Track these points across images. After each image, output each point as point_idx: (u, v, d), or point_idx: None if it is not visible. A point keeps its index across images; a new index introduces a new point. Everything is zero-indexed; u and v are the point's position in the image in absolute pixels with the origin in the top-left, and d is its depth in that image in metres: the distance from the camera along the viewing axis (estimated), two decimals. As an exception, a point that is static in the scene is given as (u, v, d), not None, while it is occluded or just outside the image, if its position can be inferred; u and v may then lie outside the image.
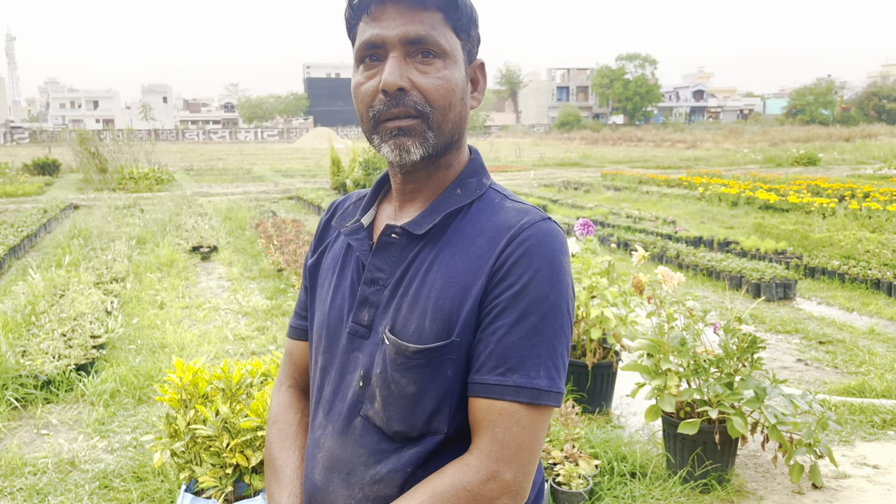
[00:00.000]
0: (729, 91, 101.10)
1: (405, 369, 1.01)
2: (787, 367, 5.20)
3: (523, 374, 0.97)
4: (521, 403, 0.96)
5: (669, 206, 14.68)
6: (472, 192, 1.08)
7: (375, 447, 1.04)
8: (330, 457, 1.08)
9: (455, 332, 1.00)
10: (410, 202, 1.11)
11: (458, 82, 1.02)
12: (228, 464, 2.81)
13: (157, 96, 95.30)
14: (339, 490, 1.06)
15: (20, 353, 4.82)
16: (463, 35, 1.04)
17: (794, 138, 42.71)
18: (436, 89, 1.00)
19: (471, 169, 1.11)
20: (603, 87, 75.91)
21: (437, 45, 1.00)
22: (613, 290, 4.23)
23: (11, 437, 4.04)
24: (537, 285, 0.97)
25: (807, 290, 7.51)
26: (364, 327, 1.07)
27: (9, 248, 9.13)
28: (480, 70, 1.10)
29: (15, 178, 20.63)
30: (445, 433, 1.01)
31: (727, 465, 3.38)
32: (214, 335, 5.83)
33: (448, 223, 1.06)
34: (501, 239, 1.01)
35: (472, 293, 1.00)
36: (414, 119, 1.00)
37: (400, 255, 1.07)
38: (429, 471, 1.01)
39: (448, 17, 1.01)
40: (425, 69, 1.00)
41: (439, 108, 1.01)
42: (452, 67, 1.02)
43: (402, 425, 1.02)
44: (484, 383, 0.98)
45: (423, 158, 1.04)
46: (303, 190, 17.34)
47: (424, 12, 0.99)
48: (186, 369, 2.96)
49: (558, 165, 29.17)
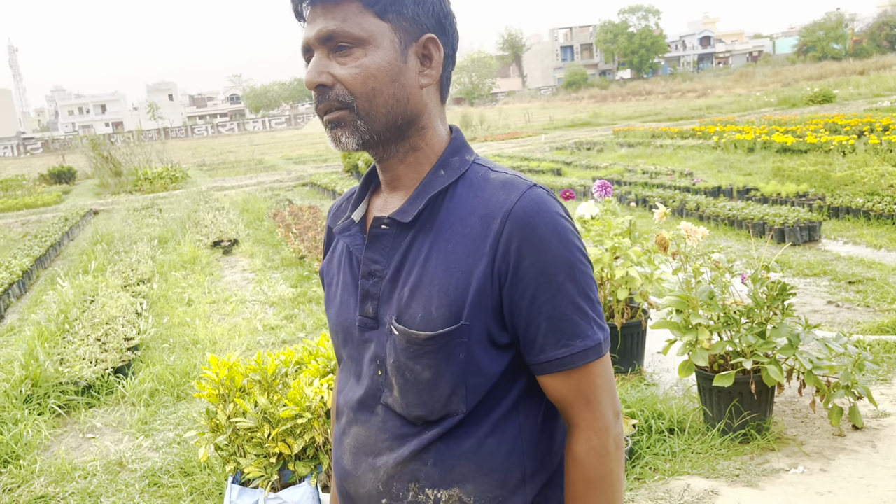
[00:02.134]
0: (736, 34, 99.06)
1: (418, 356, 1.04)
2: (819, 311, 5.16)
3: (583, 337, 1.03)
4: (592, 361, 1.04)
5: (685, 158, 14.51)
6: (456, 171, 1.08)
7: (398, 432, 1.08)
8: (356, 443, 1.13)
9: (464, 315, 1.01)
10: (395, 190, 1.12)
11: (382, 66, 1.02)
12: (272, 453, 2.87)
13: (162, 94, 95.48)
14: (366, 474, 1.11)
15: (58, 361, 4.92)
16: (391, 16, 1.02)
17: (807, 77, 41.90)
18: (353, 78, 1.01)
19: (452, 148, 1.11)
20: (607, 42, 74.75)
21: (350, 35, 1.01)
22: (637, 249, 4.20)
23: (59, 443, 4.14)
24: (554, 254, 1.00)
25: (832, 231, 7.42)
26: (371, 319, 1.10)
27: (35, 258, 9.27)
28: (433, 45, 1.06)
29: (33, 189, 20.90)
30: (464, 413, 1.05)
31: (765, 413, 3.38)
32: (244, 327, 5.91)
33: (437, 207, 1.07)
34: (495, 218, 1.02)
35: (475, 276, 1.01)
36: (341, 111, 1.03)
37: (393, 244, 1.08)
38: (451, 447, 1.06)
39: (366, 4, 1.01)
40: (344, 61, 1.02)
41: (362, 95, 1.02)
42: (373, 53, 1.02)
43: (422, 410, 1.06)
44: (555, 359, 1.03)
45: (363, 145, 1.05)
46: (316, 175, 17.38)
47: (339, 6, 1.01)
48: (221, 364, 3.01)
49: (569, 127, 28.91)
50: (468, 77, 72.10)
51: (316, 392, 2.82)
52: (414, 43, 1.05)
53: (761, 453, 3.27)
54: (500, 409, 1.07)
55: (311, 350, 3.24)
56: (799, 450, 3.26)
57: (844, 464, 3.13)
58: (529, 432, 1.09)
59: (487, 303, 1.02)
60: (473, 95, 70.08)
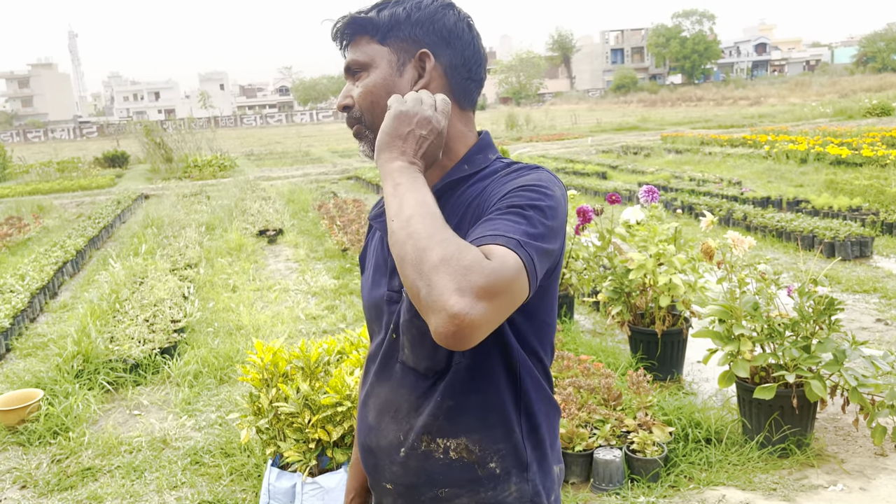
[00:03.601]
0: (794, 42, 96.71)
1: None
2: (867, 328, 5.05)
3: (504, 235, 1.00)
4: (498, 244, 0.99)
5: (734, 166, 14.26)
6: (477, 166, 1.23)
7: (413, 385, 1.21)
8: (380, 401, 1.26)
9: None
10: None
11: (378, 82, 1.22)
12: (311, 439, 2.93)
13: (214, 84, 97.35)
14: (389, 426, 1.24)
15: (108, 339, 5.09)
16: (390, 41, 1.22)
17: (866, 88, 40.67)
18: (359, 95, 1.23)
19: (477, 147, 1.25)
20: (659, 46, 73.66)
21: (357, 62, 1.23)
22: (681, 256, 4.17)
23: (106, 418, 4.29)
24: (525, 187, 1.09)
25: (885, 248, 7.23)
26: (396, 292, 1.23)
27: (88, 239, 9.57)
28: (426, 57, 1.21)
29: (88, 172, 21.52)
30: (468, 364, 1.16)
31: (806, 429, 3.34)
32: (287, 315, 6.02)
33: (455, 192, 1.20)
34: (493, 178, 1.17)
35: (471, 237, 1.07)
36: (358, 125, 1.25)
37: None
38: (458, 399, 1.17)
39: (372, 35, 1.23)
40: (357, 84, 1.24)
41: (365, 108, 1.23)
42: (374, 73, 1.22)
43: (429, 361, 1.18)
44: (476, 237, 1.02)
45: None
46: (361, 169, 17.54)
47: (356, 42, 1.24)
48: (266, 350, 3.09)
49: (616, 130, 28.61)
50: (516, 76, 71.83)
51: (356, 381, 2.88)
52: (412, 59, 1.22)
53: (800, 469, 3.22)
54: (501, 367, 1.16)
55: (352, 340, 3.30)
56: (839, 467, 3.21)
57: (885, 483, 3.07)
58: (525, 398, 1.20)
59: None
60: (520, 95, 69.78)
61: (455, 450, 1.18)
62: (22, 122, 76.80)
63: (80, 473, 3.61)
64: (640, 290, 4.34)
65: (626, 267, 4.29)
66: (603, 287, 4.45)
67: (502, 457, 1.18)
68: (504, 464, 1.18)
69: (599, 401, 3.56)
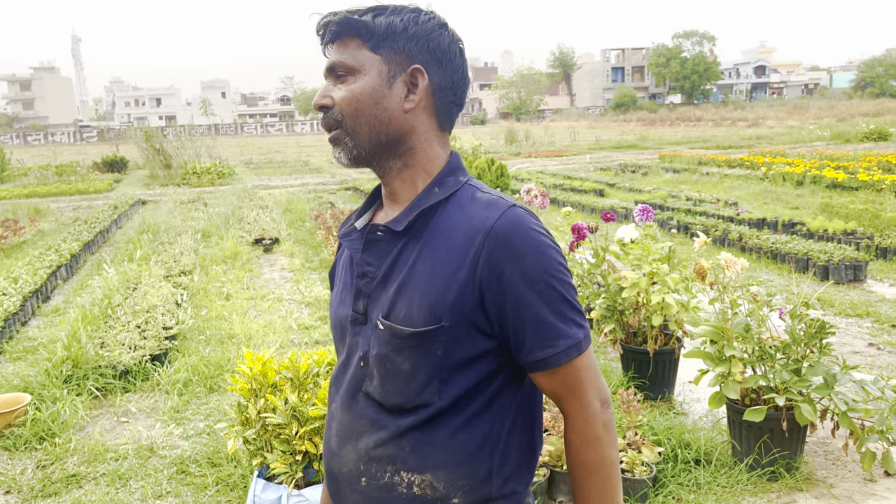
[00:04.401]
0: (793, 65, 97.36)
1: (400, 349, 1.16)
2: (859, 352, 5.05)
3: (565, 337, 1.14)
4: (574, 357, 1.15)
5: (731, 187, 14.31)
6: (449, 189, 1.22)
7: (376, 417, 1.20)
8: (341, 427, 1.25)
9: (444, 317, 1.13)
10: (394, 203, 1.26)
11: (365, 90, 1.19)
12: (298, 451, 2.92)
13: (215, 92, 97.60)
14: (350, 454, 1.23)
15: (99, 345, 5.07)
16: (383, 50, 1.19)
17: (864, 112, 40.91)
18: (342, 99, 1.19)
19: (447, 169, 1.25)
20: (659, 66, 74.08)
21: (345, 65, 1.19)
22: (674, 276, 4.17)
23: (94, 424, 4.26)
24: (531, 264, 1.13)
25: (878, 272, 7.25)
26: (361, 315, 1.22)
27: (84, 243, 9.55)
28: (419, 74, 1.21)
29: (86, 176, 21.53)
30: (437, 405, 1.16)
31: (795, 452, 3.33)
32: (279, 325, 6.00)
33: (428, 219, 1.20)
34: (477, 234, 1.14)
35: (457, 282, 1.13)
36: (336, 129, 1.21)
37: (385, 249, 1.21)
38: (427, 436, 1.16)
39: (364, 40, 1.19)
40: (340, 86, 1.20)
41: (348, 114, 1.19)
42: (362, 79, 1.19)
43: (398, 398, 1.17)
44: (539, 360, 1.15)
45: (353, 160, 1.22)
46: (359, 180, 17.56)
47: (344, 43, 1.21)
48: (256, 360, 3.08)
49: (614, 148, 28.71)
50: (516, 92, 72.13)
51: (345, 394, 2.87)
52: (403, 73, 1.20)
53: (789, 492, 3.21)
54: (474, 406, 1.17)
55: (343, 352, 3.29)
56: (828, 492, 3.20)
57: (874, 510, 3.06)
58: (500, 429, 1.19)
59: (467, 309, 1.13)
60: (521, 111, 70.05)
61: (419, 485, 1.17)
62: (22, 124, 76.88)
63: (64, 480, 3.58)
64: (633, 308, 4.34)
65: (619, 285, 4.29)
66: (596, 304, 4.45)
67: (466, 493, 1.17)
68: (467, 499, 1.17)
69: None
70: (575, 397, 1.17)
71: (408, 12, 1.21)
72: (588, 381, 1.17)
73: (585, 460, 1.16)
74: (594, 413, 1.17)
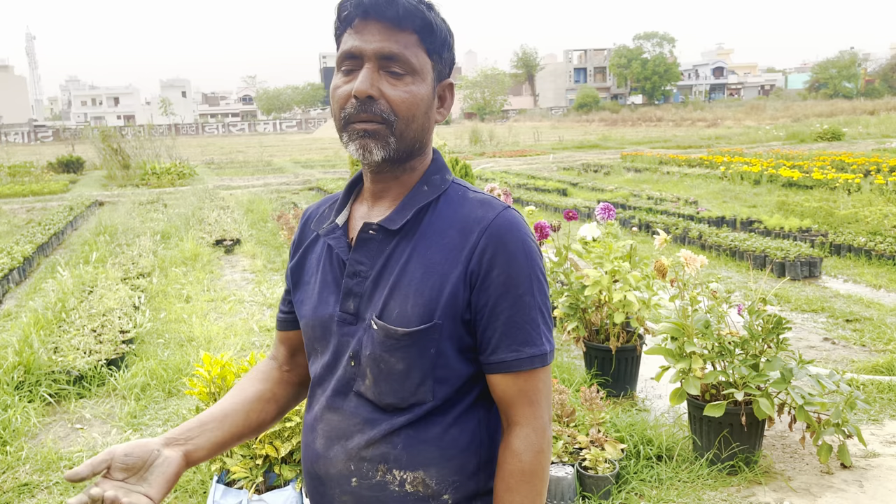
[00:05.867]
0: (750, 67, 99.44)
1: (394, 349, 1.15)
2: (814, 347, 5.15)
3: (532, 345, 1.15)
4: (537, 367, 1.16)
5: (691, 186, 14.54)
6: (438, 188, 1.21)
7: (369, 416, 1.19)
8: (329, 427, 1.23)
9: (437, 315, 1.13)
10: (380, 200, 1.23)
11: (424, 97, 1.15)
12: (258, 455, 2.87)
13: (176, 91, 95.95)
14: (339, 455, 1.20)
15: (52, 350, 4.92)
16: (435, 57, 1.17)
17: (818, 113, 41.97)
18: (402, 101, 1.12)
19: (434, 167, 1.24)
20: (621, 67, 75.03)
21: (408, 62, 1.12)
22: (636, 273, 4.21)
23: (46, 432, 4.14)
24: (519, 269, 1.14)
25: (833, 268, 7.42)
26: (351, 315, 1.20)
27: (37, 245, 9.29)
28: (449, 90, 1.22)
29: (41, 177, 20.94)
30: (431, 402, 1.16)
31: (754, 446, 3.38)
32: (240, 327, 5.91)
33: (420, 218, 1.19)
34: (472, 232, 1.15)
35: (450, 280, 1.13)
36: (379, 124, 1.13)
37: (378, 248, 1.19)
38: (419, 433, 1.16)
39: (423, 40, 1.14)
40: (395, 82, 1.13)
41: (403, 117, 1.13)
42: (420, 84, 1.14)
43: (393, 398, 1.17)
44: (503, 361, 1.16)
45: (384, 160, 1.16)
46: (323, 180, 17.42)
47: (401, 32, 1.12)
48: (214, 363, 3.02)
49: (577, 148, 28.97)
50: (480, 93, 72.36)
51: (306, 396, 2.82)
52: (439, 84, 1.20)
53: (748, 486, 3.26)
54: (465, 402, 1.19)
55: (304, 354, 3.24)
56: (786, 485, 3.26)
57: (831, 502, 3.12)
58: (487, 425, 1.21)
59: (459, 306, 1.14)
60: (485, 111, 70.30)
61: (411, 483, 1.17)
62: (-27, 124, 74.54)
63: (16, 490, 3.47)
64: (595, 306, 4.36)
65: (581, 283, 4.31)
66: (559, 303, 4.47)
67: (456, 488, 1.18)
68: (457, 495, 1.18)
69: (553, 417, 3.55)
70: (529, 406, 1.17)
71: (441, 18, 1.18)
72: (544, 393, 1.19)
73: (526, 469, 1.16)
74: (543, 425, 1.18)
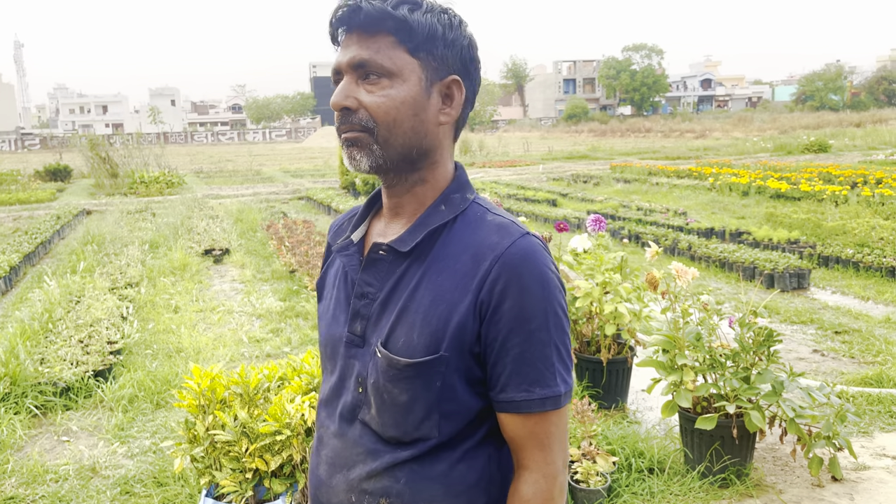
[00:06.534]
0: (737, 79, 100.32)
1: (397, 380, 1.09)
2: (804, 358, 5.17)
3: (544, 385, 1.07)
4: (549, 410, 1.08)
5: (680, 197, 14.61)
6: (456, 208, 1.14)
7: (372, 447, 1.13)
8: (332, 454, 1.18)
9: (443, 346, 1.07)
10: (397, 217, 1.18)
11: (406, 99, 1.08)
12: (248, 468, 2.84)
13: (165, 99, 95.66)
14: (340, 484, 1.16)
15: (38, 361, 4.87)
16: (421, 55, 1.09)
17: (804, 125, 42.35)
18: (377, 106, 1.07)
19: (455, 185, 1.17)
20: (610, 78, 75.53)
21: (380, 66, 1.07)
22: (627, 285, 4.21)
23: (32, 444, 4.08)
24: (533, 302, 1.06)
25: (821, 280, 7.47)
26: (358, 337, 1.15)
27: (24, 255, 9.21)
28: (456, 86, 1.13)
29: (27, 185, 20.78)
30: (436, 438, 1.10)
31: (745, 459, 3.38)
32: (229, 338, 5.87)
33: (434, 240, 1.12)
34: (485, 259, 1.07)
35: (458, 310, 1.07)
36: (360, 132, 1.09)
37: (388, 270, 1.14)
38: (423, 468, 1.10)
39: (400, 40, 1.07)
40: (371, 88, 1.08)
41: (383, 123, 1.08)
42: (399, 86, 1.08)
43: (395, 431, 1.11)
44: (513, 401, 1.08)
45: (374, 169, 1.11)
46: (312, 190, 17.38)
47: (374, 37, 1.07)
48: (204, 375, 2.99)
49: (567, 158, 29.08)
50: (470, 103, 72.49)
51: (297, 409, 2.80)
52: (439, 82, 1.11)
53: (740, 499, 3.25)
54: (474, 437, 1.12)
55: (294, 366, 3.22)
56: (777, 498, 3.26)
57: (822, 515, 3.12)
58: (499, 462, 1.15)
59: (467, 338, 1.07)
60: (474, 121, 70.47)
61: None
62: (-41, 131, 73.96)
63: (1, 503, 3.41)
64: (586, 317, 4.36)
65: (573, 295, 4.31)
66: (550, 314, 4.46)
67: None
68: None
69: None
70: (540, 450, 1.10)
71: (439, 11, 1.10)
72: (557, 437, 1.11)
73: None
74: (555, 472, 1.11)
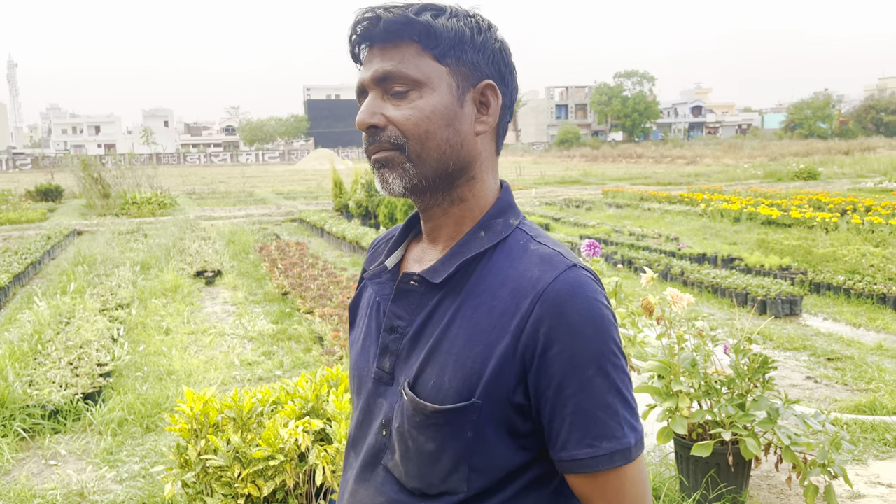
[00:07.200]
0: (727, 106, 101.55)
1: (423, 427, 0.99)
2: (797, 385, 5.17)
3: (611, 438, 0.95)
4: (618, 466, 0.95)
5: (672, 222, 14.70)
6: (497, 234, 1.03)
7: (395, 497, 1.03)
8: (354, 500, 1.09)
9: (477, 392, 0.96)
10: (434, 242, 1.09)
11: (437, 108, 0.99)
12: (240, 494, 2.80)
13: (158, 120, 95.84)
14: None
15: (27, 383, 4.81)
16: (450, 61, 1.00)
17: (794, 152, 42.82)
18: (406, 119, 0.98)
19: (497, 208, 1.06)
20: (601, 104, 76.33)
21: (405, 76, 0.98)
22: (621, 310, 4.21)
23: (20, 468, 4.02)
24: (586, 344, 0.94)
25: (813, 306, 7.50)
26: (387, 373, 1.06)
27: (13, 275, 9.14)
28: (492, 91, 1.04)
29: (18, 205, 20.71)
30: (465, 493, 0.99)
31: (741, 486, 3.36)
32: (221, 361, 5.82)
33: (471, 271, 1.02)
34: (526, 297, 0.96)
35: (495, 353, 0.96)
36: (391, 151, 1.00)
37: (419, 302, 1.04)
38: None
39: (425, 47, 0.99)
40: (398, 102, 0.99)
41: (414, 137, 0.99)
42: (429, 95, 0.99)
43: (419, 482, 1.00)
44: (576, 459, 0.95)
45: (409, 190, 1.02)
46: (305, 212, 17.39)
47: (397, 48, 0.99)
48: (197, 398, 2.95)
49: (559, 183, 29.24)
50: (463, 127, 72.96)
51: (291, 434, 2.77)
52: (472, 89, 1.02)
53: (735, 527, 3.23)
54: (504, 494, 1.00)
55: (288, 390, 3.19)
56: (773, 526, 3.24)
57: (818, 544, 3.10)
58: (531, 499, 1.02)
59: (505, 385, 0.96)
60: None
61: None
62: (-49, 150, 73.80)
63: (-15, 529, 3.36)
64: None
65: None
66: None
67: None
68: None
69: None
70: None
71: (465, 15, 1.02)
72: (630, 496, 0.97)
73: None
74: None
